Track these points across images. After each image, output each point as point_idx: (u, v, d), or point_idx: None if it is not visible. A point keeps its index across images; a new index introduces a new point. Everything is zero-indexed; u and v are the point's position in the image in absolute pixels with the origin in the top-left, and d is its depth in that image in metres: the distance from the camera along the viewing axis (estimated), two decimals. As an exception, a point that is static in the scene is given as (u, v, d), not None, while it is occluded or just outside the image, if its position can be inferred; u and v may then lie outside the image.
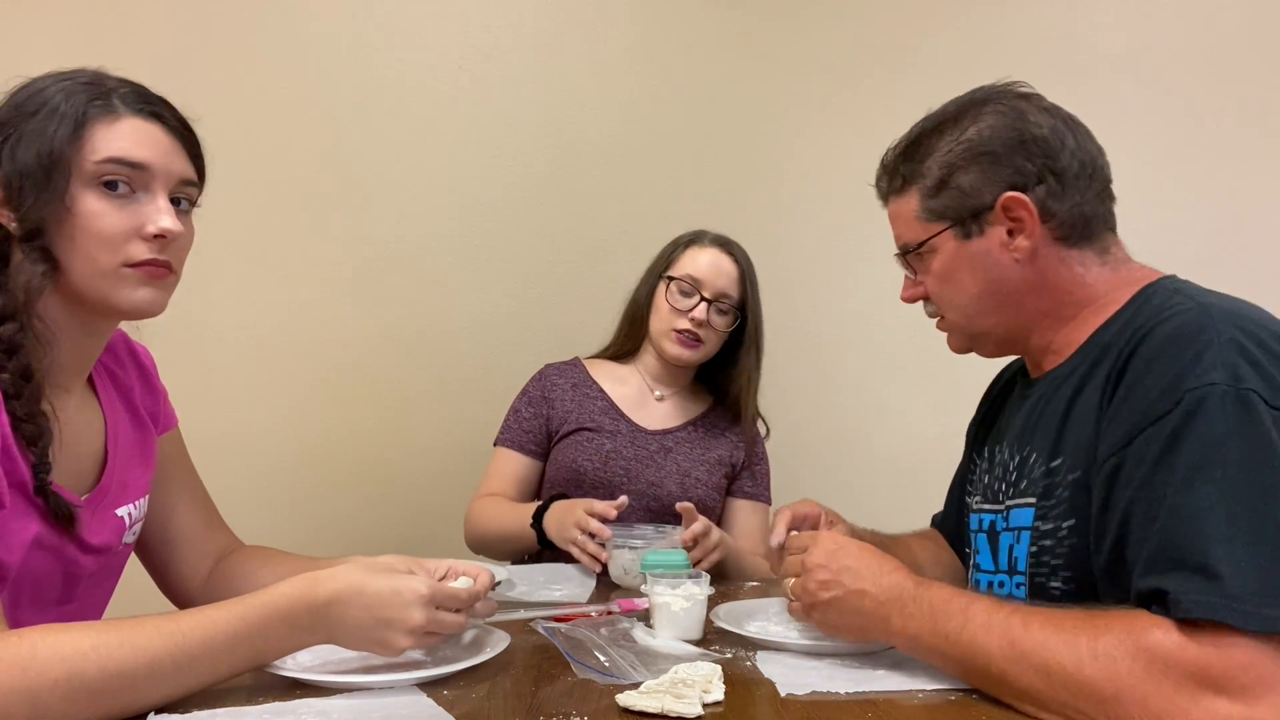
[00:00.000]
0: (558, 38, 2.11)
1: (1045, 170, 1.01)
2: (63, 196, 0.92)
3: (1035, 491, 0.99)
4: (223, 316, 2.01)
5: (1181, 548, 0.78)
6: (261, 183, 2.02)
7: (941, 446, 2.15)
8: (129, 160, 0.95)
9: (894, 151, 1.12)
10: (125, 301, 0.96)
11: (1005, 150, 1.02)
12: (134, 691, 0.79)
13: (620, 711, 0.82)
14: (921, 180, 1.07)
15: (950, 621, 0.87)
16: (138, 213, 0.95)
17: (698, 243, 1.72)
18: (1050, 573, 0.96)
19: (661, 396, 1.76)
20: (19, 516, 0.92)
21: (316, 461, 2.06)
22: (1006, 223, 1.02)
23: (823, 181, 2.16)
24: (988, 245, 1.04)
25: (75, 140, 0.93)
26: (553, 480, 1.69)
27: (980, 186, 1.03)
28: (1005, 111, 1.04)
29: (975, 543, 1.12)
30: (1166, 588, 0.77)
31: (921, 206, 1.07)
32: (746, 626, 1.08)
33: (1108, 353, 0.94)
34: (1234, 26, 2.14)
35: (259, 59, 2.05)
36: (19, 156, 0.92)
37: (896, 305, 2.15)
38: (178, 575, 1.18)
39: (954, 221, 1.05)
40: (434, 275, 2.10)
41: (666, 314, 1.68)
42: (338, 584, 0.87)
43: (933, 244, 1.07)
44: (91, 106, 0.94)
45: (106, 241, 0.94)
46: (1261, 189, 2.13)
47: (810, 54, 2.15)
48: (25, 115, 0.93)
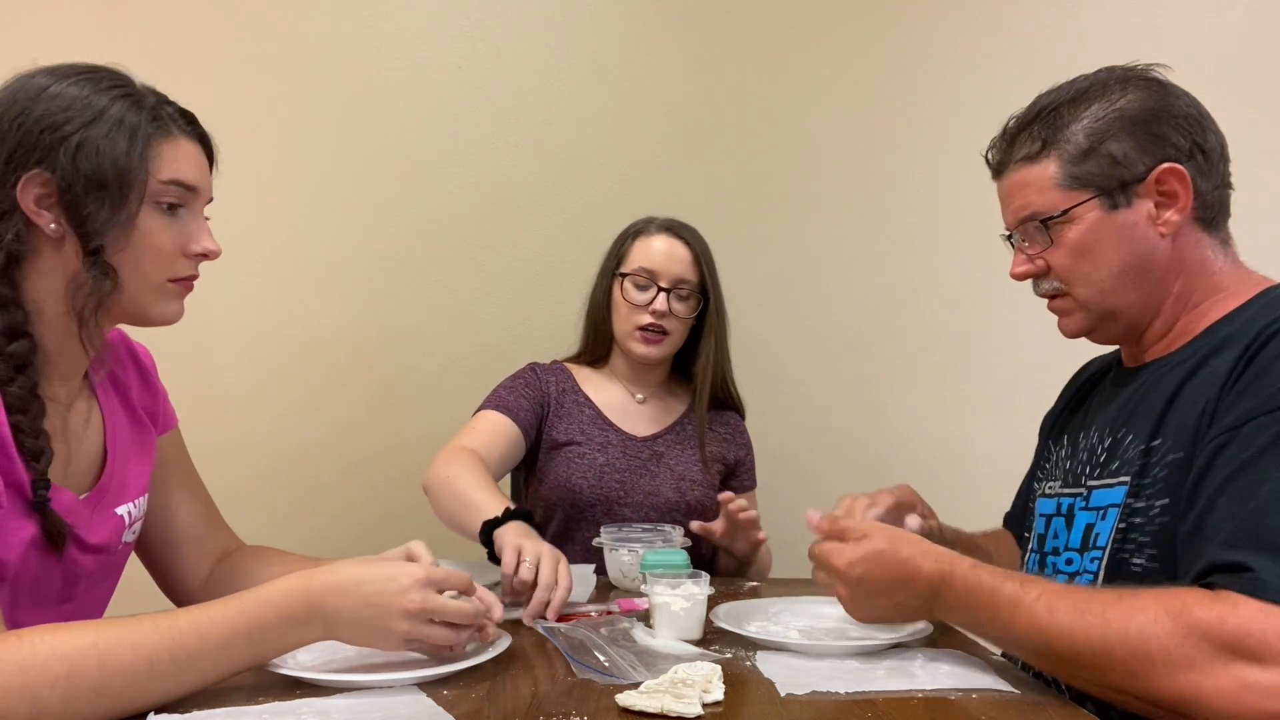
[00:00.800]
0: (558, 37, 2.11)
1: (1195, 147, 1.00)
2: (131, 211, 0.95)
3: (1130, 471, 0.98)
4: (223, 317, 2.00)
5: (1276, 532, 0.78)
6: (260, 183, 2.02)
7: (941, 447, 2.17)
8: (186, 183, 0.99)
9: (1020, 120, 1.08)
10: (160, 314, 1.02)
11: (1158, 122, 1.00)
12: (134, 690, 0.79)
13: (620, 711, 0.82)
14: (1064, 146, 1.03)
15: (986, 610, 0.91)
16: (183, 231, 1.00)
17: (645, 232, 1.66)
18: (1136, 549, 0.96)
19: (643, 398, 1.72)
20: (16, 516, 0.92)
21: (317, 461, 2.06)
22: (1155, 196, 1.00)
23: (823, 181, 2.16)
24: (1134, 218, 1.01)
25: (144, 159, 0.95)
26: (548, 499, 1.63)
27: (1134, 156, 1.00)
28: (1152, 86, 1.02)
29: (1050, 526, 1.11)
30: (1252, 565, 0.77)
31: (1064, 173, 1.03)
32: (746, 626, 1.08)
33: (1230, 343, 0.93)
34: (1238, 28, 2.14)
35: (258, 59, 2.05)
36: (82, 164, 0.92)
37: (896, 305, 2.17)
38: (178, 575, 1.18)
39: (1101, 190, 1.01)
40: (434, 275, 2.10)
41: (626, 313, 1.63)
42: (333, 576, 0.88)
43: (1074, 213, 1.03)
44: (152, 125, 0.96)
45: (160, 258, 0.98)
46: (1263, 190, 2.13)
47: (811, 53, 2.15)
48: (82, 123, 0.93)
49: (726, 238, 2.12)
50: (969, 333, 2.13)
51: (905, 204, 2.14)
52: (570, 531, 1.64)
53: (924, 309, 2.15)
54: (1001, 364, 2.14)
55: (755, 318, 2.10)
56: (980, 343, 2.14)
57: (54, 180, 0.92)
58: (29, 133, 0.92)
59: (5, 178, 0.92)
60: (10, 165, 0.92)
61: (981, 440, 2.13)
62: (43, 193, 0.93)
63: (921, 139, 2.13)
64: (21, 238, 0.93)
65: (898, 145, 2.14)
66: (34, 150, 0.92)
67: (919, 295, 2.15)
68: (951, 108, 2.12)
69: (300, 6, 2.06)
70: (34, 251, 0.94)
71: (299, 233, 2.06)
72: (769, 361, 2.12)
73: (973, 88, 2.11)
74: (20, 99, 0.93)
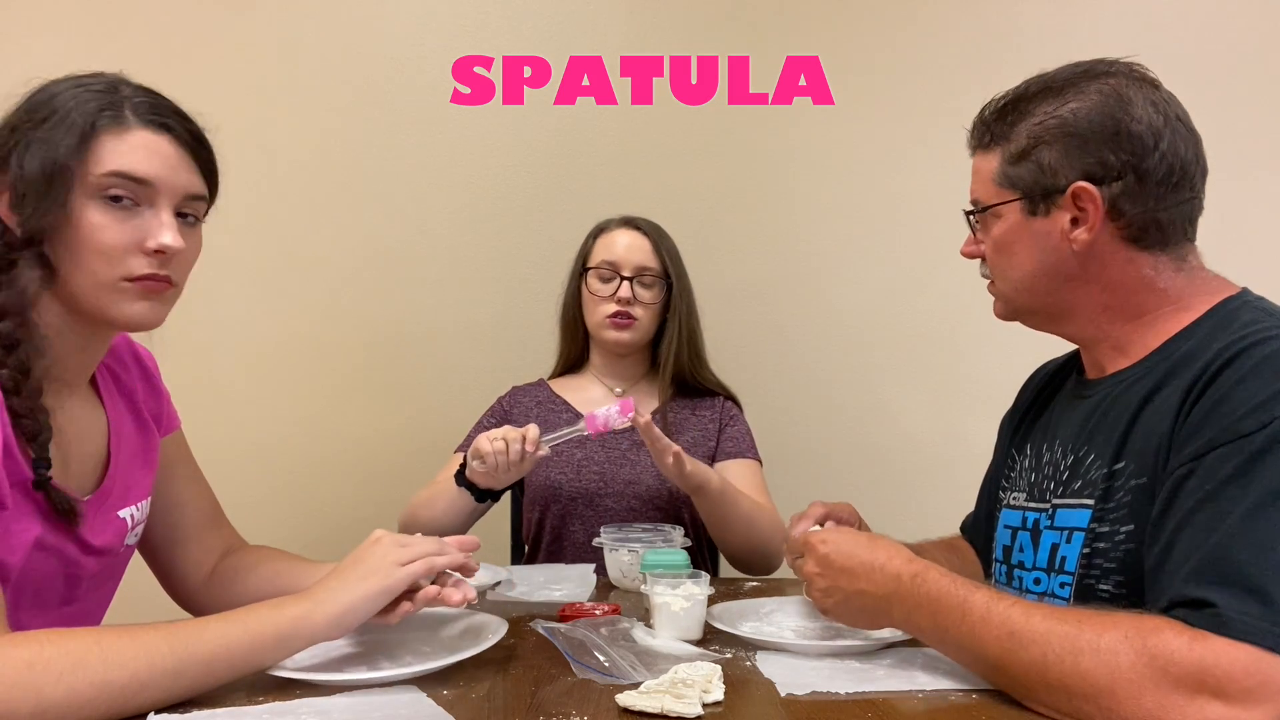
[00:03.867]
0: (557, 38, 2.11)
1: (1128, 167, 0.98)
2: (64, 207, 0.92)
3: (1093, 494, 0.98)
4: (223, 318, 2.01)
5: (1239, 566, 0.77)
6: (260, 184, 2.02)
7: (941, 447, 2.17)
8: (133, 175, 0.94)
9: (993, 107, 1.09)
10: (121, 315, 0.96)
11: (1094, 137, 0.99)
12: (136, 687, 0.79)
13: (620, 711, 0.82)
14: (1007, 145, 1.04)
15: (950, 615, 0.88)
16: (140, 226, 0.95)
17: (606, 230, 1.73)
18: (1102, 575, 0.95)
19: (623, 392, 1.74)
20: (21, 518, 0.92)
21: (318, 462, 2.06)
22: (1073, 210, 1.00)
23: (823, 181, 2.16)
24: (1050, 227, 1.02)
25: (81, 151, 0.92)
26: (531, 500, 1.67)
27: (1058, 167, 1.00)
28: (1109, 94, 1.00)
29: (1016, 539, 1.11)
30: (1214, 600, 0.76)
31: (1000, 171, 1.04)
32: (745, 626, 1.08)
33: (1189, 361, 0.92)
34: (1237, 27, 2.14)
35: (257, 61, 2.05)
36: (26, 163, 0.92)
37: (896, 305, 2.17)
38: (181, 574, 1.18)
39: (1024, 195, 1.03)
40: (435, 277, 2.10)
41: (595, 304, 1.68)
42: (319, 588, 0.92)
43: (999, 210, 1.05)
44: (101, 116, 0.94)
45: (106, 254, 0.93)
46: (1263, 191, 2.13)
47: (811, 53, 2.15)
48: (36, 121, 0.93)
49: (728, 237, 2.13)
50: (969, 332, 2.13)
51: (906, 203, 2.14)
52: (561, 533, 1.65)
53: (924, 309, 2.15)
54: (1002, 364, 2.14)
55: (756, 317, 2.11)
56: (981, 343, 2.13)
57: (10, 182, 0.93)
58: (3, 141, 0.93)
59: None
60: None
61: (982, 440, 2.12)
62: (8, 195, 0.93)
63: (924, 137, 2.13)
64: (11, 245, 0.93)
65: (899, 144, 2.14)
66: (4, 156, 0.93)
67: (920, 295, 2.15)
68: (953, 107, 2.11)
69: (300, 8, 2.06)
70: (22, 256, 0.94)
71: (299, 234, 2.06)
72: (769, 360, 2.12)
73: (974, 87, 2.10)
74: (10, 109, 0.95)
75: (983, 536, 1.26)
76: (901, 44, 2.16)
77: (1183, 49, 2.11)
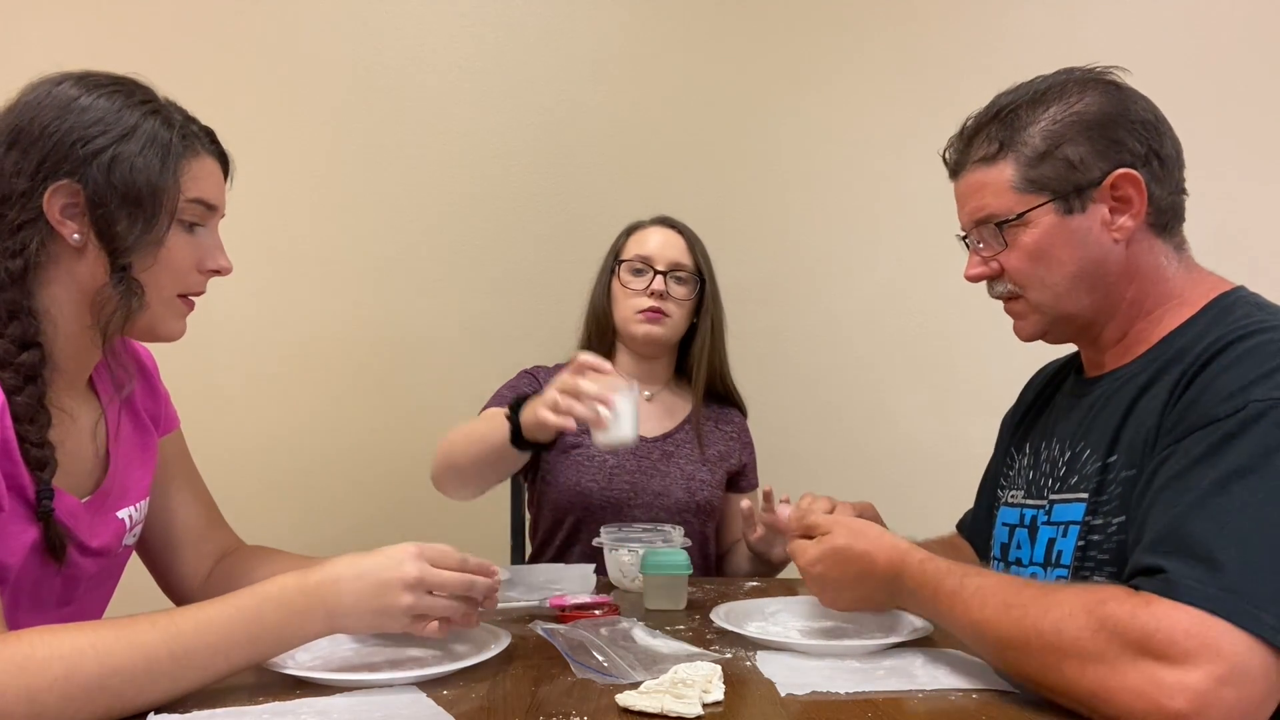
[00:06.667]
0: (556, 38, 2.11)
1: (1151, 153, 0.99)
2: (164, 232, 0.96)
3: (1088, 487, 0.99)
4: (224, 319, 2.00)
5: (1194, 536, 0.79)
6: (260, 185, 2.01)
7: (941, 447, 2.17)
8: (209, 202, 1.00)
9: (978, 120, 1.07)
10: (166, 329, 1.02)
11: (1115, 126, 0.99)
12: (133, 689, 0.79)
13: (620, 711, 0.82)
14: (1021, 148, 1.02)
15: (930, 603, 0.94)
16: (199, 247, 1.01)
17: (640, 227, 1.71)
18: (1096, 567, 0.97)
19: (649, 395, 1.72)
20: (18, 520, 0.92)
21: (318, 463, 2.06)
22: (1110, 201, 1.00)
23: (823, 181, 2.16)
24: (1089, 223, 1.00)
25: (175, 177, 0.96)
26: (557, 503, 1.63)
27: (1090, 160, 0.99)
28: (1110, 90, 1.02)
29: (1014, 536, 1.12)
30: (1165, 567, 0.78)
31: (1020, 176, 1.02)
32: (746, 626, 1.08)
33: (1182, 356, 0.93)
34: (1233, 27, 2.14)
35: (257, 61, 2.05)
36: (116, 180, 0.93)
37: (896, 305, 2.17)
38: (179, 574, 1.18)
39: (1056, 194, 1.00)
40: (435, 277, 2.10)
41: (626, 298, 1.66)
42: (331, 566, 0.89)
43: (1029, 217, 1.02)
44: (182, 143, 0.97)
45: (176, 273, 0.99)
46: (1262, 192, 2.13)
47: (811, 53, 2.15)
48: (115, 136, 0.93)
49: (727, 238, 2.12)
50: (970, 333, 2.13)
51: (906, 203, 2.14)
52: (577, 534, 1.63)
53: (925, 309, 2.15)
54: (1001, 366, 2.14)
55: (756, 318, 2.10)
56: (981, 343, 2.13)
57: (83, 192, 0.93)
58: (60, 143, 0.92)
59: (34, 186, 0.92)
60: (39, 174, 0.92)
61: (981, 442, 2.12)
62: (69, 203, 0.93)
63: (924, 138, 2.13)
64: (45, 246, 0.93)
65: (899, 144, 2.14)
66: (64, 161, 0.92)
67: (920, 295, 2.15)
68: (953, 106, 2.11)
69: (300, 10, 2.06)
70: (53, 260, 0.95)
71: (300, 235, 2.06)
72: (770, 362, 2.12)
73: (974, 86, 2.10)
74: (48, 107, 0.94)
75: (981, 534, 1.26)
76: (902, 45, 2.16)
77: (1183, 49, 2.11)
